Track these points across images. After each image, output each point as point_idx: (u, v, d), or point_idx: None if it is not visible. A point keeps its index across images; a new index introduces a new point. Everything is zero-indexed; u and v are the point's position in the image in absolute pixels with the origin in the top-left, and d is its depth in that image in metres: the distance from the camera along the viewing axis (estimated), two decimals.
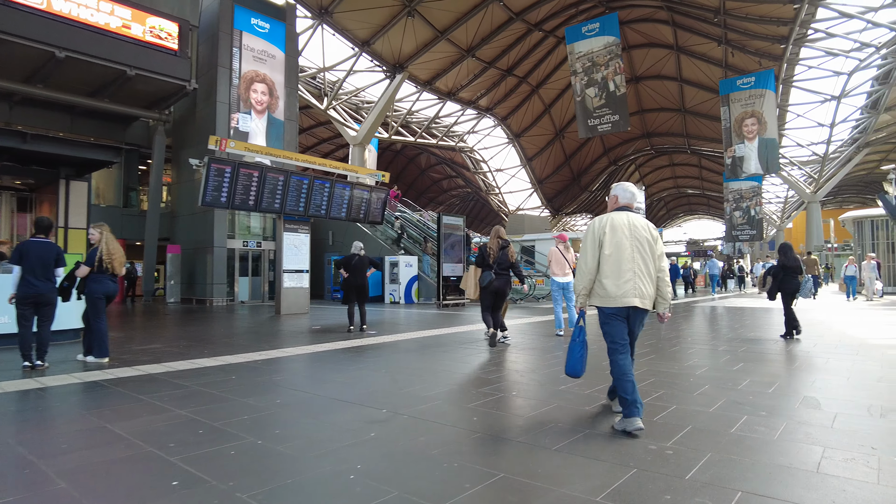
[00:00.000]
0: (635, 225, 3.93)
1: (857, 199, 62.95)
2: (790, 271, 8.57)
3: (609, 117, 26.13)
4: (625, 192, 4.16)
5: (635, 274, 3.83)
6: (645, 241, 3.90)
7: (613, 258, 3.85)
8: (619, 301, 3.82)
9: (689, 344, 8.07)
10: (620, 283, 3.81)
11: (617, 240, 3.86)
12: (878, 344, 7.82)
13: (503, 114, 41.47)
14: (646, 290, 3.85)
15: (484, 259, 8.04)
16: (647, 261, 3.88)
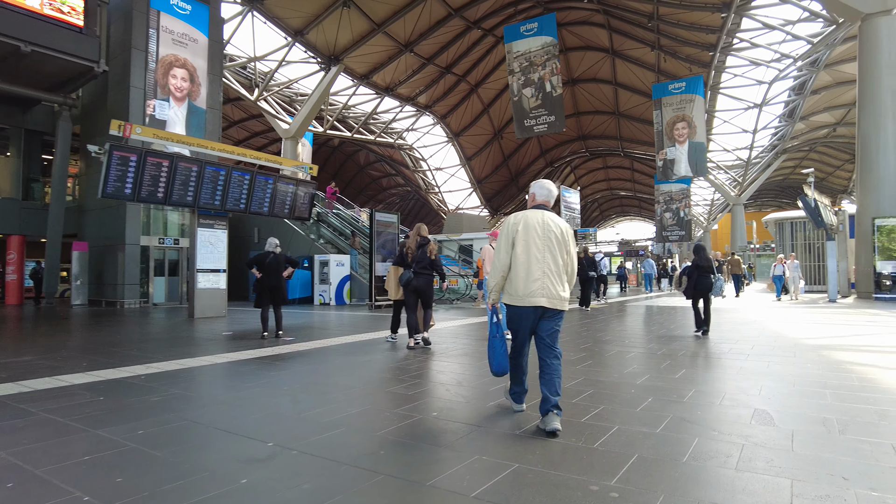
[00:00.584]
0: (549, 224, 3.87)
1: (775, 203, 66.45)
2: (704, 271, 8.87)
3: (545, 118, 26.04)
4: (541, 190, 4.10)
5: (544, 273, 3.77)
6: (557, 240, 3.85)
7: (524, 257, 3.81)
8: (527, 300, 3.77)
9: (627, 347, 7.63)
10: (529, 283, 3.77)
11: (529, 238, 3.82)
12: (812, 344, 7.64)
13: (442, 112, 40.93)
14: (555, 289, 3.78)
15: (403, 258, 7.75)
16: (559, 260, 3.83)
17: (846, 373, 5.62)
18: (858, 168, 18.57)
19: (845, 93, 34.02)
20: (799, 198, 17.68)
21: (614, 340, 8.39)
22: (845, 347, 7.47)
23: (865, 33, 18.44)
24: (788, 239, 23.41)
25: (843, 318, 11.91)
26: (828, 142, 41.23)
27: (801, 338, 8.42)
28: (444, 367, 6.24)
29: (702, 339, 8.39)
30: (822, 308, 14.44)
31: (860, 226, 18.09)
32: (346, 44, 29.52)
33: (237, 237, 19.36)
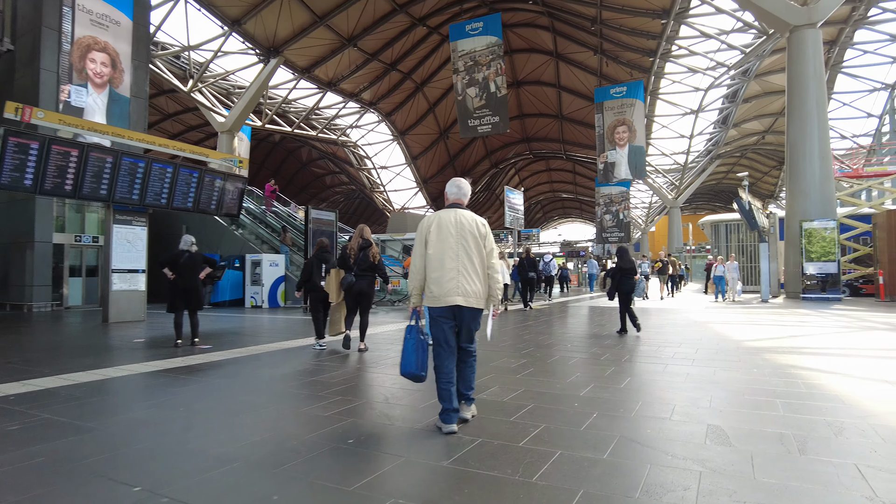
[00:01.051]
0: (462, 222, 3.83)
1: (709, 206, 69.06)
2: (626, 273, 9.18)
3: (489, 118, 25.82)
4: (452, 188, 4.06)
5: (459, 272, 3.74)
6: (472, 238, 3.81)
7: (437, 257, 3.78)
8: (443, 301, 3.73)
9: (570, 352, 7.26)
10: (443, 283, 3.73)
11: (442, 238, 3.79)
12: (753, 346, 7.50)
13: (387, 109, 40.12)
14: (471, 288, 3.75)
15: (345, 260, 7.40)
16: (474, 258, 3.80)
17: (792, 378, 5.40)
18: (787, 174, 19.16)
19: (773, 102, 35.48)
20: (734, 200, 18.06)
21: (557, 344, 8.02)
22: (786, 350, 7.35)
23: (793, 45, 19.03)
24: (723, 240, 24.04)
25: (778, 318, 12.06)
26: (757, 148, 42.96)
27: (743, 340, 8.29)
28: (373, 379, 5.65)
29: (641, 341, 8.15)
30: (756, 308, 14.68)
31: (789, 229, 18.65)
32: (287, 36, 28.34)
33: (165, 235, 18.05)
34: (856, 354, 7.01)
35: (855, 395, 4.68)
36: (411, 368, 3.88)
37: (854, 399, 4.56)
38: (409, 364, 3.87)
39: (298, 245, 17.12)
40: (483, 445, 3.36)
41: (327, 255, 8.09)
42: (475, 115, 26.20)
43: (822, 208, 17.89)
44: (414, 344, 3.88)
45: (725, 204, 61.70)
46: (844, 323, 10.82)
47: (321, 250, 8.13)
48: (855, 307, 14.70)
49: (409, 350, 3.88)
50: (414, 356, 3.86)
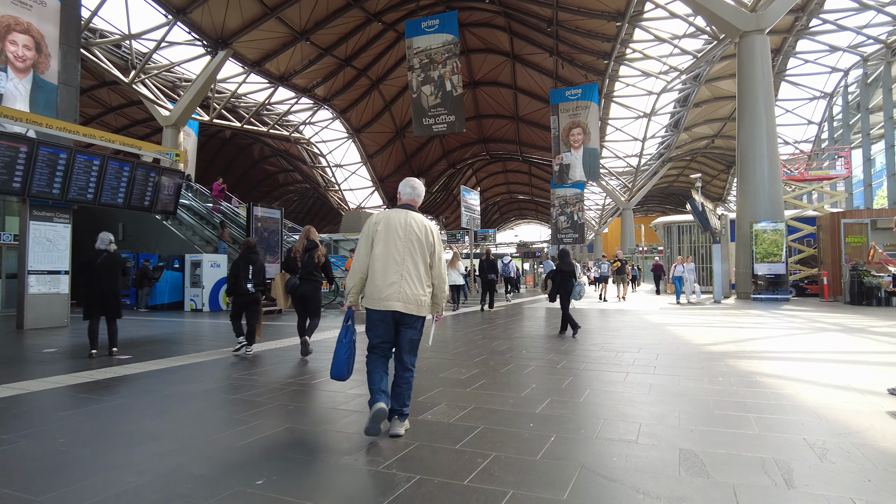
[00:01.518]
0: (411, 225, 3.68)
1: (660, 209, 70.62)
2: (566, 275, 9.29)
3: (445, 117, 25.36)
4: (405, 188, 3.91)
5: (402, 277, 3.58)
6: (419, 243, 3.67)
7: (382, 258, 3.62)
8: (381, 304, 3.58)
9: (526, 359, 6.77)
10: (384, 286, 3.57)
11: (388, 239, 3.64)
12: (715, 351, 7.18)
13: (342, 106, 39.13)
14: (413, 293, 3.59)
15: (289, 262, 7.18)
16: (419, 264, 3.66)
17: (759, 388, 5.03)
18: (738, 175, 19.36)
19: (722, 107, 36.33)
20: (688, 202, 18.10)
21: (512, 350, 7.53)
22: (747, 355, 7.05)
23: (743, 50, 19.25)
24: (676, 242, 24.23)
25: (733, 319, 11.94)
26: (707, 152, 44.03)
27: (703, 344, 7.99)
28: (304, 396, 4.99)
29: (600, 346, 7.74)
30: (710, 309, 14.62)
31: (740, 230, 18.83)
32: (236, 27, 27.09)
33: (94, 233, 16.74)
34: (816, 358, 6.78)
35: (827, 407, 4.33)
36: (342, 373, 3.71)
37: (828, 411, 4.20)
38: (340, 368, 3.70)
39: (239, 241, 16.16)
40: (420, 485, 2.77)
41: (254, 255, 7.47)
42: (430, 113, 25.72)
43: (770, 210, 18.11)
44: (347, 347, 3.70)
45: (675, 206, 63.22)
46: (797, 324, 10.76)
47: (247, 251, 7.47)
48: (803, 307, 14.83)
49: (342, 352, 3.70)
50: (346, 359, 3.69)
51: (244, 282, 7.22)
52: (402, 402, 3.62)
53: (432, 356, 6.96)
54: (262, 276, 7.54)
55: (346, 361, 3.69)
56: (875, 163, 27.65)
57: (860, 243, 16.24)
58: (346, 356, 3.69)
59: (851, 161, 22.54)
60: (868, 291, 15.42)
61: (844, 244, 16.26)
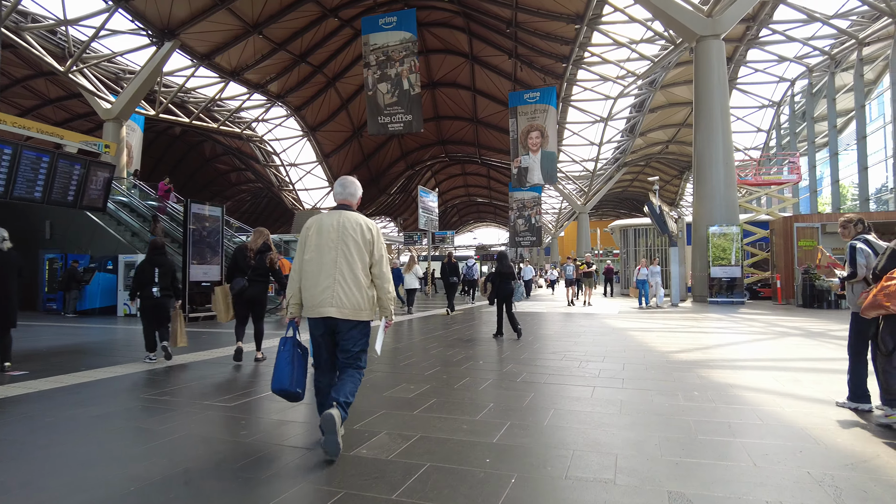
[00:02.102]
0: (346, 226, 3.48)
1: (614, 213, 71.59)
2: (506, 277, 9.13)
3: (402, 116, 24.66)
4: (337, 188, 3.73)
5: (335, 281, 3.37)
6: (354, 243, 3.46)
7: (314, 263, 3.43)
8: (315, 311, 3.39)
9: (482, 371, 6.11)
10: (317, 292, 3.38)
11: (321, 242, 3.45)
12: (684, 360, 6.68)
13: (297, 104, 37.82)
14: (348, 298, 3.38)
15: (239, 260, 6.76)
16: (355, 266, 3.43)
17: (740, 405, 4.51)
18: (695, 179, 19.31)
19: (677, 113, 36.81)
20: (645, 204, 17.90)
21: (469, 360, 6.85)
22: (717, 364, 6.57)
23: (700, 54, 19.25)
24: (632, 245, 24.14)
25: (694, 324, 11.61)
26: (661, 157, 44.63)
27: (669, 351, 7.51)
28: (225, 422, 4.18)
29: (561, 355, 7.16)
30: (670, 313, 14.33)
31: (696, 233, 18.76)
32: (184, 17, 25.63)
33: (22, 231, 15.28)
34: (789, 367, 6.35)
35: (820, 428, 3.81)
36: (283, 384, 3.39)
37: (822, 433, 3.67)
38: (281, 380, 3.39)
39: (173, 237, 15.02)
40: None
41: (161, 257, 6.72)
42: (386, 111, 25.00)
43: (726, 213, 18.09)
44: (289, 357, 3.43)
45: (630, 211, 64.20)
46: (758, 329, 10.48)
47: (153, 252, 6.68)
48: (758, 311, 14.73)
49: (283, 364, 3.42)
50: (288, 370, 3.39)
51: (150, 286, 6.38)
52: (343, 392, 3.32)
53: (379, 369, 6.22)
54: (170, 279, 6.71)
55: (287, 372, 3.40)
56: (816, 170, 28.46)
57: (811, 247, 16.33)
58: (288, 367, 3.41)
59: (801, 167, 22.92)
60: (819, 294, 15.49)
61: (797, 248, 16.32)
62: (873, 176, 23.78)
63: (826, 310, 14.89)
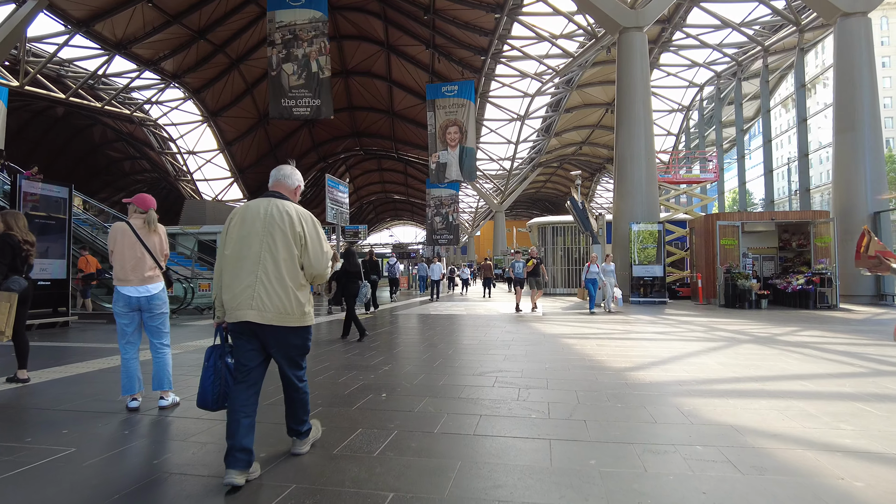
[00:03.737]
0: (274, 214, 2.91)
1: (527, 214, 72.02)
2: (352, 276, 8.44)
3: (309, 101, 22.25)
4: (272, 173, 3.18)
5: (258, 279, 2.84)
6: (282, 235, 2.88)
7: (235, 258, 2.90)
8: (233, 315, 2.86)
9: (383, 413, 4.14)
10: (237, 292, 2.85)
11: (244, 234, 2.90)
12: (648, 382, 5.04)
13: (196, 85, 33.97)
14: (271, 300, 2.83)
15: (11, 254, 5.15)
16: (281, 263, 2.87)
17: (792, 477, 2.84)
18: (616, 175, 18.39)
19: (591, 114, 36.63)
20: (568, 200, 16.72)
21: (367, 391, 4.85)
22: (691, 388, 4.95)
23: (623, 46, 18.36)
24: (550, 243, 23.07)
25: (629, 328, 10.23)
26: (574, 158, 44.59)
27: (623, 369, 5.88)
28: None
29: (492, 378, 5.34)
30: (596, 315, 13.03)
31: (617, 230, 17.82)
32: None
33: None
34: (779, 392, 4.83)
35: None
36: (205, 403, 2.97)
37: None
38: (204, 396, 2.97)
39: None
40: None
41: None
42: (291, 94, 22.46)
43: (647, 210, 17.27)
44: (211, 374, 2.96)
45: (542, 212, 64.53)
46: (701, 333, 9.23)
47: None
48: (685, 311, 13.80)
49: (205, 379, 2.97)
50: (211, 388, 2.95)
51: None
52: (298, 419, 3.11)
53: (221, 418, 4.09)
54: None
55: (210, 389, 2.95)
56: (723, 173, 28.99)
57: (732, 245, 15.74)
58: (210, 383, 2.95)
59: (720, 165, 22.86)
60: (742, 294, 14.85)
61: (719, 246, 15.66)
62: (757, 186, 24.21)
63: (749, 310, 14.22)
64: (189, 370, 5.81)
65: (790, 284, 15.25)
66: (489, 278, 23.36)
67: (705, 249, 16.61)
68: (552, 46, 26.78)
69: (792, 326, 10.16)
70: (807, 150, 19.98)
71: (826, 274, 14.62)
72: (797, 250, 16.96)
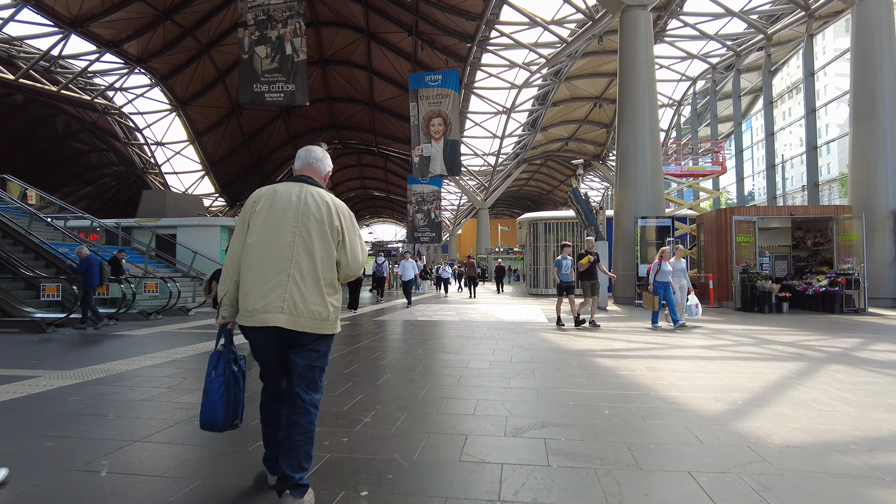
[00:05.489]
0: (308, 204, 2.37)
1: (509, 213, 70.34)
2: None
3: (282, 86, 20.07)
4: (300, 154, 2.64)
5: (290, 277, 2.27)
6: (319, 227, 2.35)
7: (260, 249, 2.31)
8: (257, 318, 2.25)
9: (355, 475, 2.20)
10: (264, 290, 2.26)
11: (272, 222, 2.33)
12: (777, 441, 3.20)
13: (164, 71, 31.32)
14: (306, 302, 2.27)
15: None
16: (318, 258, 2.33)
17: None
18: (618, 166, 16.64)
19: (578, 108, 34.98)
20: (571, 191, 14.91)
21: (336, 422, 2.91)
22: (855, 457, 3.12)
23: (626, 26, 16.64)
24: (542, 241, 21.24)
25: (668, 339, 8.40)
26: (558, 155, 42.89)
27: (721, 415, 4.00)
28: None
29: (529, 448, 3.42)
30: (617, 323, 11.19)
31: (619, 226, 16.07)
32: None
33: None
34: None
35: None
36: (215, 422, 2.33)
37: None
38: (213, 415, 2.32)
39: None
40: None
41: None
42: (264, 79, 20.28)
43: (652, 203, 15.56)
44: (222, 382, 2.34)
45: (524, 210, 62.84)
46: (754, 349, 7.42)
47: None
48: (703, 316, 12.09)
49: (213, 392, 2.33)
50: (221, 401, 2.32)
51: None
52: (296, 462, 2.26)
53: None
54: None
55: (220, 404, 2.31)
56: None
57: (749, 243, 14.08)
58: (219, 396, 2.32)
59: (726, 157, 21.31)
60: (761, 297, 13.17)
61: (735, 244, 13.99)
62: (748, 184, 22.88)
63: (769, 314, 12.56)
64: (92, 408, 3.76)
65: (810, 286, 13.66)
66: (473, 277, 22.26)
67: (716, 247, 14.93)
68: (543, 32, 24.95)
69: (847, 337, 8.42)
70: (815, 142, 18.49)
71: (853, 275, 13.04)
72: (812, 249, 15.40)
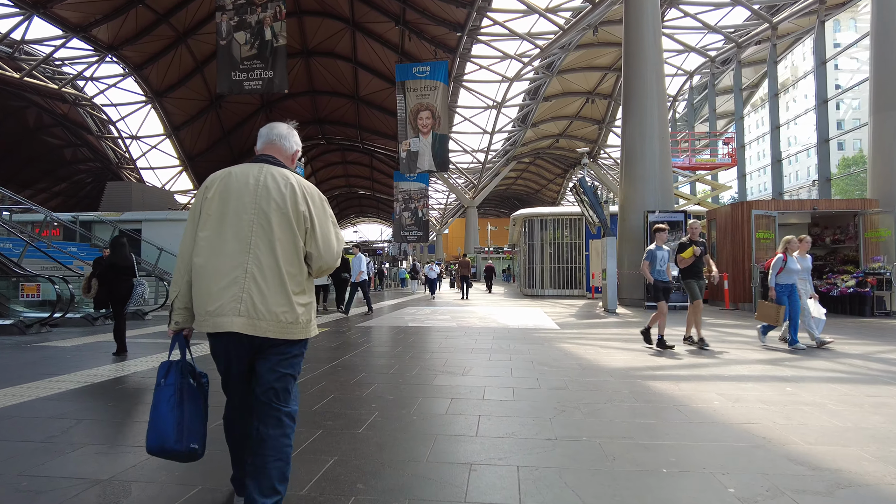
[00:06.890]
0: (268, 187, 1.97)
1: (496, 213, 68.97)
2: (122, 272, 6.14)
3: (261, 73, 18.58)
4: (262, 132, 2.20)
5: (247, 273, 1.88)
6: (280, 214, 1.94)
7: (212, 244, 1.92)
8: (210, 322, 1.89)
9: None
10: (218, 290, 1.88)
11: (226, 210, 1.94)
12: None
13: (138, 60, 29.37)
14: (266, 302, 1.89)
15: None
16: (279, 251, 1.92)
17: None
18: (623, 158, 15.27)
19: (570, 104, 33.70)
20: (578, 182, 13.53)
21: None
22: None
23: (632, 7, 15.28)
24: (537, 238, 19.81)
25: (768, 370, 6.98)
26: (548, 153, 41.62)
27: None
28: None
29: None
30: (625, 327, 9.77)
31: (626, 222, 14.71)
32: None
33: None
34: None
35: None
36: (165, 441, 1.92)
37: None
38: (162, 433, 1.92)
39: None
40: None
41: None
42: (242, 66, 18.75)
43: (661, 197, 14.23)
44: (171, 395, 1.96)
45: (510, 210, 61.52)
46: (829, 363, 6.05)
47: None
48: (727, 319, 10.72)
49: (163, 408, 1.95)
50: (171, 418, 1.94)
51: None
52: (267, 485, 1.86)
53: None
54: None
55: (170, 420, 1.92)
56: None
57: (769, 240, 12.79)
58: (169, 412, 1.93)
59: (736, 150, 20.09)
60: None
61: (755, 240, 12.69)
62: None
63: None
64: None
65: (835, 286, 12.40)
66: (466, 277, 21.04)
67: (731, 244, 13.62)
68: (538, 20, 23.56)
69: None
70: (827, 135, 17.33)
71: (885, 275, 11.79)
72: (831, 247, 14.16)
